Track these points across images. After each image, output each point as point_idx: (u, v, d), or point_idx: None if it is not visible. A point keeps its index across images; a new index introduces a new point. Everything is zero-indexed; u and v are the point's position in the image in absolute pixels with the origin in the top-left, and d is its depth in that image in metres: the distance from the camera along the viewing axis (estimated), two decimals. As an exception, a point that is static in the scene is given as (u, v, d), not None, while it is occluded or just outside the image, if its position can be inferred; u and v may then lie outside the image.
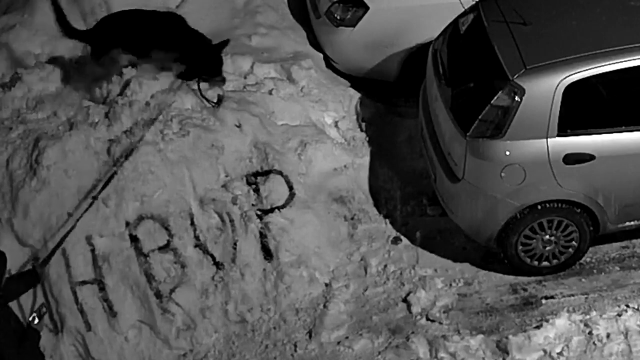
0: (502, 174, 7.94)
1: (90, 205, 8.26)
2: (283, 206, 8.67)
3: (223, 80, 9.12)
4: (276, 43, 10.02)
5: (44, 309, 7.36)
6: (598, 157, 7.89)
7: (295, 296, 8.49)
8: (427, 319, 8.28)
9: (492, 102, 7.86)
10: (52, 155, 8.44)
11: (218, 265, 8.45)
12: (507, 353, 7.89)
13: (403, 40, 9.56)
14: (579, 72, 7.78)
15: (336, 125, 9.52)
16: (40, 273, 7.66)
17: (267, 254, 8.53)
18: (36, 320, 7.22)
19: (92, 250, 8.32)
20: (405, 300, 8.44)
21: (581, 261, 8.56)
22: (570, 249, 8.38)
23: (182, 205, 8.49)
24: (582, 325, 8.00)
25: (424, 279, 8.53)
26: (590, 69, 7.78)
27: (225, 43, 9.15)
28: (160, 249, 8.41)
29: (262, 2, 10.43)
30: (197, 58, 9.06)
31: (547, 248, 8.35)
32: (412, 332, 8.18)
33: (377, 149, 9.34)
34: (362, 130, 9.50)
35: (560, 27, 8.15)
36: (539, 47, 7.97)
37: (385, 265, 8.68)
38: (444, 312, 8.32)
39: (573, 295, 8.36)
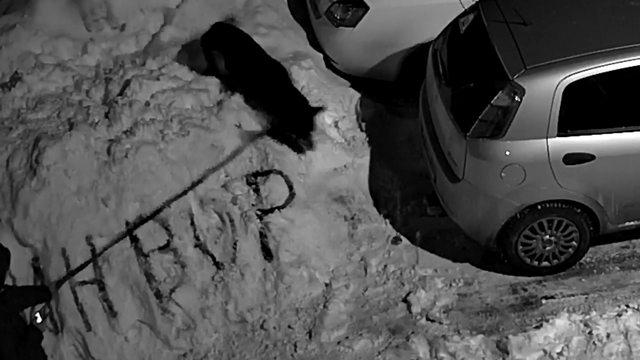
0: (502, 174, 7.94)
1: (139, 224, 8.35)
2: (283, 206, 8.67)
3: (310, 145, 8.97)
4: (276, 43, 10.01)
5: (48, 309, 7.37)
6: (598, 157, 7.89)
7: (295, 296, 8.49)
8: (427, 319, 8.28)
9: (492, 102, 7.86)
10: (52, 155, 8.44)
11: (218, 265, 8.45)
12: (507, 353, 7.90)
13: (403, 40, 9.56)
14: (579, 72, 7.78)
15: (336, 125, 9.52)
16: (53, 293, 7.68)
17: (267, 254, 8.53)
18: (39, 320, 7.22)
19: (92, 250, 8.32)
20: (405, 300, 8.44)
21: (581, 261, 8.56)
22: (570, 249, 8.38)
23: (182, 205, 8.49)
24: (582, 325, 8.00)
25: (424, 279, 8.53)
26: (590, 69, 7.78)
27: (320, 108, 9.09)
28: (160, 249, 8.41)
29: (262, 2, 10.43)
30: (292, 117, 8.94)
31: (547, 248, 8.35)
32: (412, 332, 8.18)
33: (377, 149, 9.34)
34: (362, 130, 9.50)
35: (560, 27, 8.15)
36: (539, 47, 7.97)
37: (385, 265, 8.68)
38: (444, 312, 8.32)
39: (573, 295, 8.36)
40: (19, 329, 7.07)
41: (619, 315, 8.04)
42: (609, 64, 7.79)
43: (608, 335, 7.93)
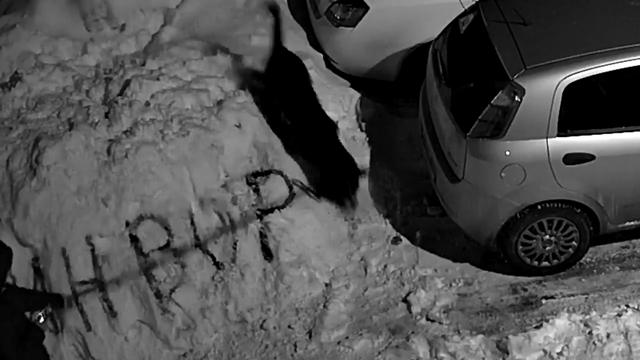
0: (502, 174, 7.94)
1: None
2: (283, 206, 8.67)
3: (353, 206, 8.75)
4: (276, 43, 10.02)
5: (50, 309, 7.35)
6: (598, 157, 7.89)
7: (295, 296, 8.49)
8: (427, 319, 8.28)
9: (492, 102, 7.86)
10: (52, 155, 8.44)
11: (218, 265, 8.45)
12: (507, 353, 7.89)
13: (403, 40, 9.57)
14: (579, 72, 7.78)
15: (336, 125, 9.51)
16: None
17: (267, 254, 8.52)
18: (41, 319, 7.20)
19: (92, 250, 8.31)
20: (405, 300, 8.44)
21: (581, 261, 8.56)
22: (570, 249, 8.38)
23: (182, 205, 8.49)
24: (582, 325, 8.00)
25: (424, 279, 8.53)
26: (590, 69, 7.78)
27: (364, 172, 8.90)
28: (160, 249, 8.40)
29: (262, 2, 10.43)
30: (336, 176, 8.72)
31: (547, 248, 8.35)
32: (412, 332, 8.17)
33: (377, 149, 9.34)
34: (362, 130, 9.50)
35: (560, 27, 8.15)
36: (539, 47, 7.97)
37: (385, 265, 8.68)
38: (444, 312, 8.32)
39: (573, 295, 8.36)
40: (20, 328, 7.06)
41: (619, 315, 8.04)
42: (609, 64, 7.79)
43: (608, 335, 7.93)
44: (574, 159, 7.90)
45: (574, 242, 8.33)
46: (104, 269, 8.29)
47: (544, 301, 8.33)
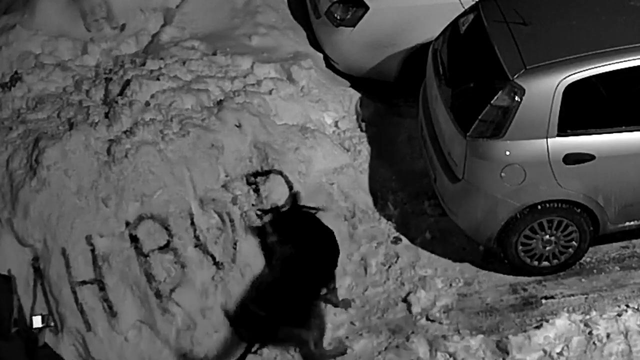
0: (502, 174, 7.95)
1: None
2: (283, 206, 8.66)
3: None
4: (276, 43, 10.02)
5: (52, 322, 7.24)
6: (598, 157, 7.90)
7: (295, 296, 8.48)
8: (427, 319, 8.28)
9: (492, 102, 7.87)
10: (52, 155, 8.44)
11: (218, 265, 8.45)
12: (507, 353, 7.90)
13: (403, 40, 9.57)
14: (579, 72, 7.78)
15: (336, 125, 9.52)
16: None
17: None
18: (38, 324, 7.07)
19: (92, 250, 8.31)
20: (405, 300, 8.44)
21: (581, 261, 8.57)
22: (570, 249, 8.38)
23: (182, 205, 8.49)
24: (582, 325, 8.00)
25: (424, 279, 8.53)
26: (590, 69, 7.79)
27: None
28: (160, 249, 8.40)
29: (262, 2, 10.44)
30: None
31: (547, 248, 8.35)
32: (412, 332, 8.17)
33: (377, 149, 9.34)
34: (362, 130, 9.50)
35: (560, 27, 8.15)
36: (539, 47, 7.98)
37: (385, 265, 8.67)
38: (444, 312, 8.32)
39: (573, 295, 8.36)
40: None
41: (619, 315, 8.04)
42: (609, 64, 7.80)
43: (608, 335, 7.93)
44: (573, 159, 7.90)
45: (574, 242, 8.33)
46: (104, 269, 8.28)
47: (544, 301, 8.33)
